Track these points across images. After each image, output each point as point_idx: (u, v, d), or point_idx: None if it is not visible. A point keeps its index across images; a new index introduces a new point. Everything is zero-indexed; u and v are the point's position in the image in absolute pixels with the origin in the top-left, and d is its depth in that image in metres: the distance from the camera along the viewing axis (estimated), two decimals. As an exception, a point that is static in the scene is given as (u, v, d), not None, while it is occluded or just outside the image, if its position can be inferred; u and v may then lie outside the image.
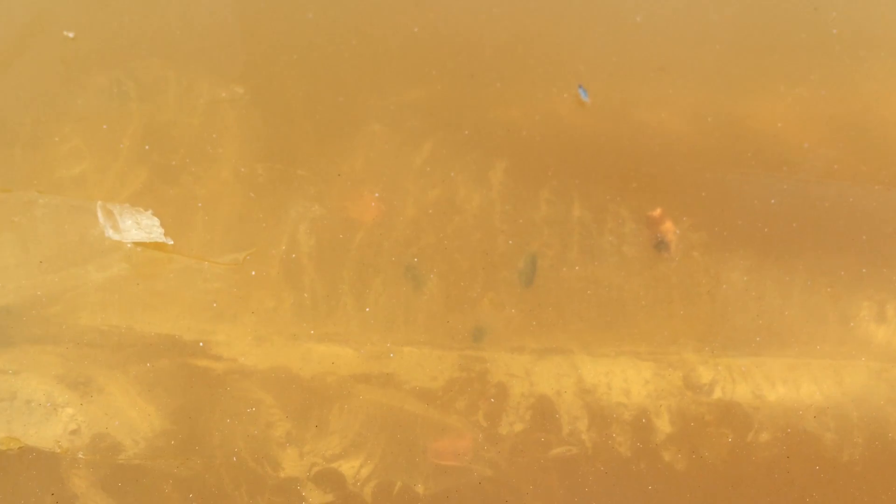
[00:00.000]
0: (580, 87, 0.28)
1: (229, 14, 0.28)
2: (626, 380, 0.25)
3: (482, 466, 0.23)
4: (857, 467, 0.24)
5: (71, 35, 0.27)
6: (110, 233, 0.24)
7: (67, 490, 0.23)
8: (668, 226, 0.27)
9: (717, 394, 0.25)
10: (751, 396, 0.25)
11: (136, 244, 0.24)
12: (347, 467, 0.23)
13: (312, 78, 0.28)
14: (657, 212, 0.27)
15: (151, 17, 0.28)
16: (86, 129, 0.27)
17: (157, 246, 0.25)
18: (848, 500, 0.23)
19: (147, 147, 0.27)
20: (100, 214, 0.24)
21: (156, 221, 0.24)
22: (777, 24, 0.29)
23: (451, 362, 0.25)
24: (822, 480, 0.22)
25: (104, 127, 0.27)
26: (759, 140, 0.27)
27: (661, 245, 0.27)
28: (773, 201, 0.26)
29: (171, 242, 0.25)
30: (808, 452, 0.23)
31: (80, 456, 0.24)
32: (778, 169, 0.26)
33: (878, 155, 0.27)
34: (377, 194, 0.27)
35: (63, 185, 0.26)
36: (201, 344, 0.24)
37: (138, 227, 0.24)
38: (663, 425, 0.24)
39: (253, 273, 0.25)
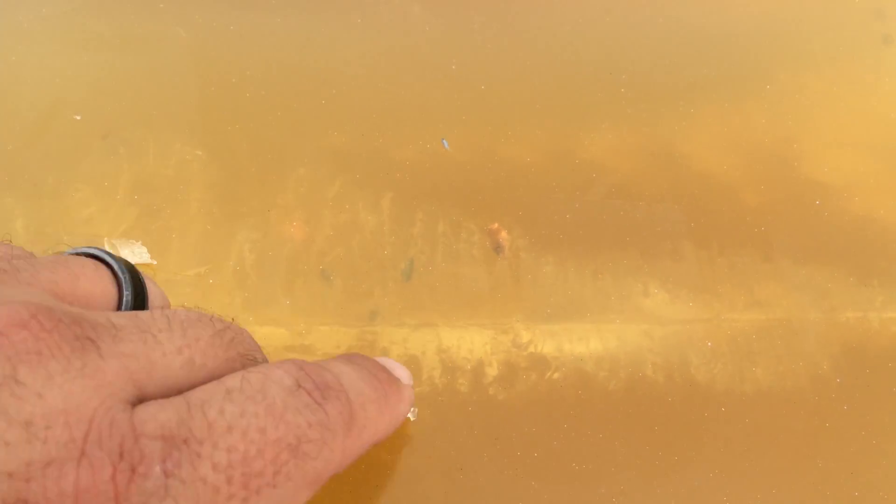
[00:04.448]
0: (443, 139, 0.39)
1: (192, 96, 0.37)
2: (472, 342, 0.36)
3: (369, 402, 0.34)
4: (619, 393, 0.34)
5: (78, 118, 0.36)
6: (114, 258, 0.34)
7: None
8: (503, 235, 0.38)
9: (531, 349, 0.35)
10: (554, 350, 0.35)
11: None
12: (279, 406, 0.34)
13: (252, 140, 0.37)
14: (495, 225, 0.37)
15: (136, 101, 0.37)
16: (91, 183, 0.36)
17: (145, 265, 0.33)
18: (604, 413, 0.34)
19: (135, 194, 0.36)
20: (106, 246, 0.33)
21: (144, 249, 0.33)
22: (583, 87, 0.40)
23: (352, 335, 0.34)
24: (584, 399, 0.33)
25: (104, 180, 0.37)
26: (561, 173, 0.37)
27: (498, 248, 0.37)
28: (567, 216, 0.36)
29: (155, 263, 0.34)
30: (580, 383, 0.33)
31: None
32: (573, 193, 0.36)
33: (643, 181, 0.38)
34: (300, 221, 0.37)
35: (78, 225, 0.35)
36: (179, 330, 0.35)
37: (133, 254, 0.33)
38: (492, 371, 0.35)
39: (211, 281, 0.34)
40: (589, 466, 0.32)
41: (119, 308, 0.22)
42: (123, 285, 0.22)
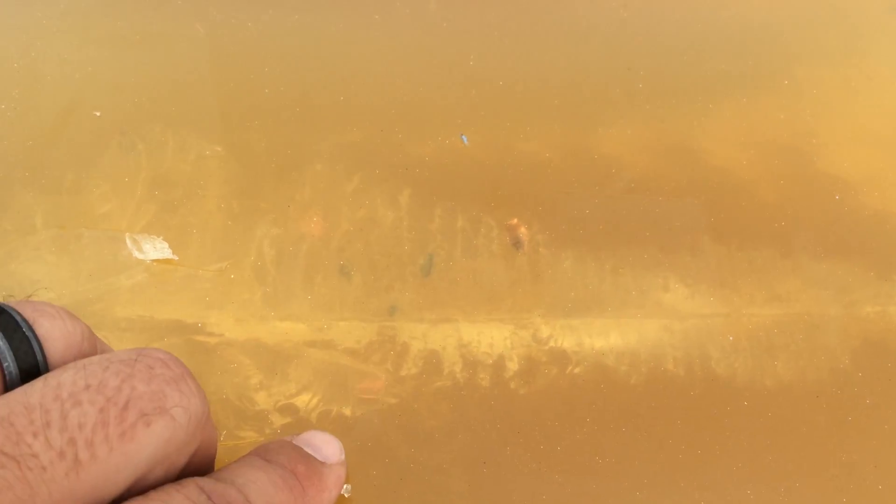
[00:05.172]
0: (462, 135, 0.39)
1: (210, 93, 0.37)
2: (492, 337, 0.35)
3: (389, 397, 0.32)
4: (640, 387, 0.34)
5: (98, 114, 0.37)
6: (135, 254, 0.33)
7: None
8: (522, 230, 0.38)
9: (551, 344, 0.35)
10: (574, 345, 0.35)
11: (153, 260, 0.33)
12: (300, 401, 0.32)
13: (270, 136, 0.37)
14: (514, 221, 0.37)
15: (155, 97, 0.37)
16: (111, 178, 0.36)
17: (166, 261, 0.33)
18: (626, 407, 0.34)
19: (154, 190, 0.36)
20: (128, 242, 0.33)
21: (166, 245, 0.33)
22: (601, 82, 0.40)
23: (371, 331, 0.34)
24: (605, 393, 0.33)
25: (123, 176, 0.37)
26: (580, 168, 0.37)
27: (517, 244, 0.37)
28: (587, 211, 0.36)
29: (177, 258, 0.34)
30: (600, 378, 0.33)
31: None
32: (592, 188, 0.36)
33: (661, 176, 0.38)
34: (319, 217, 0.37)
35: (98, 220, 0.34)
36: (199, 325, 0.33)
37: (154, 249, 0.33)
38: (513, 365, 0.34)
39: (232, 276, 0.34)
40: (612, 460, 0.31)
41: (5, 384, 0.20)
42: (2, 356, 0.19)
